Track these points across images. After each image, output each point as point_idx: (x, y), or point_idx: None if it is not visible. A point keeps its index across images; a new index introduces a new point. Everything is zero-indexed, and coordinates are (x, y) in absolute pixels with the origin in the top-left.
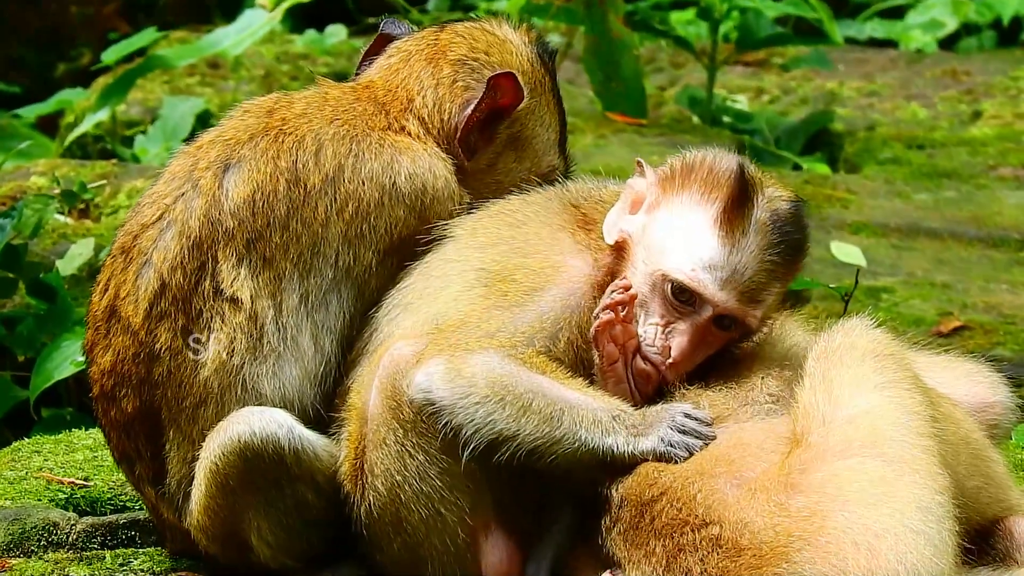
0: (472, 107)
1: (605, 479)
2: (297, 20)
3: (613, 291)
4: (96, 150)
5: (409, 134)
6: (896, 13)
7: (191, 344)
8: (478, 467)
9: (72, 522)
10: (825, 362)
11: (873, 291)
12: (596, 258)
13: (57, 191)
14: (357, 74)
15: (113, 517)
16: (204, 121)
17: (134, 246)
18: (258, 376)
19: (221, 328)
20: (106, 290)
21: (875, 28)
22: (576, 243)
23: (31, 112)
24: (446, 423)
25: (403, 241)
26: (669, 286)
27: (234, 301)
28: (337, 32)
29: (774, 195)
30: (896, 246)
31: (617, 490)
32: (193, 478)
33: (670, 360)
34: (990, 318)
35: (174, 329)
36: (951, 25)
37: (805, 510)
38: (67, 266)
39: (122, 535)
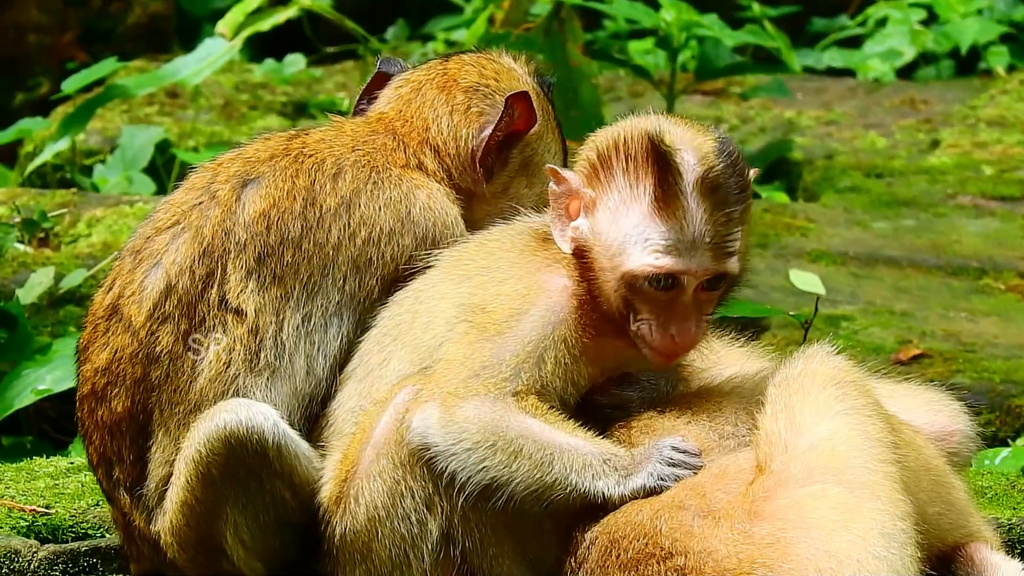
0: (491, 128)
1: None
2: (255, 49)
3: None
4: (55, 179)
5: (426, 171)
6: (854, 42)
7: (191, 344)
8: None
9: (34, 550)
10: (786, 389)
11: (832, 319)
12: (568, 272)
13: (17, 220)
14: (356, 112)
15: (75, 544)
16: (163, 150)
17: (145, 248)
18: (251, 388)
19: (222, 337)
20: (110, 289)
21: (833, 57)
22: (546, 259)
23: None
24: (442, 468)
25: (407, 271)
26: (645, 282)
27: (238, 312)
28: (296, 61)
29: (695, 144)
30: (855, 274)
31: (589, 530)
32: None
33: (677, 349)
34: (949, 346)
35: (176, 333)
36: (909, 54)
37: (768, 537)
38: (27, 295)
39: (84, 563)
